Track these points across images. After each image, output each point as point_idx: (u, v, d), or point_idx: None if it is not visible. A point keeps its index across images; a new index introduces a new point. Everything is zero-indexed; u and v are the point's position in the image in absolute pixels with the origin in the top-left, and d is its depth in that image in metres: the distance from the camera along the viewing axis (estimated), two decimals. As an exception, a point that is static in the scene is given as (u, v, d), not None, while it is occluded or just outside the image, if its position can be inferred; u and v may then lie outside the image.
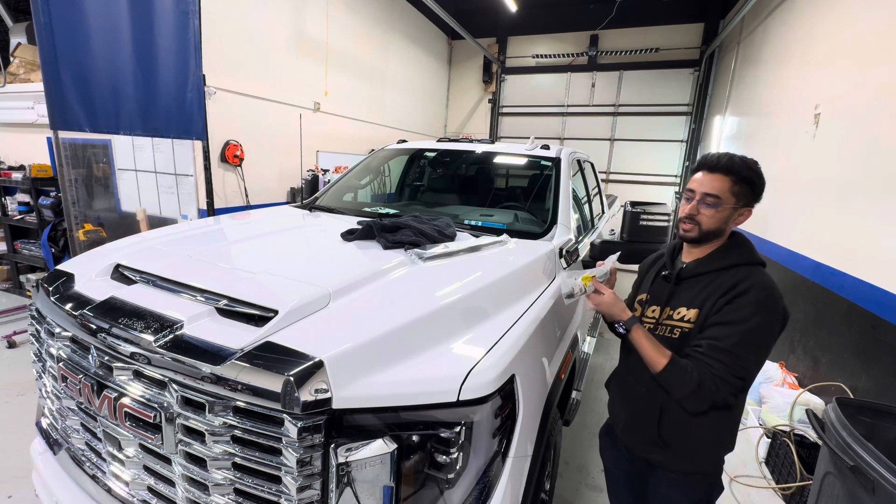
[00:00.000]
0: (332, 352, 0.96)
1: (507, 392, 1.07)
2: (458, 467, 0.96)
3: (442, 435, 0.95)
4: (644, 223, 2.17)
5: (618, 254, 1.47)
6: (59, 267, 1.50)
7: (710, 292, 1.19)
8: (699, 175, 1.24)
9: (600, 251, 2.14)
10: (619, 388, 1.49)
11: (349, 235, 1.75)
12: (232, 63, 4.12)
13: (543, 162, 2.65)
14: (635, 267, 1.64)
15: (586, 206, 2.89)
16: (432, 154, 3.24)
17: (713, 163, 1.21)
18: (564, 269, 1.86)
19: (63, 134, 2.75)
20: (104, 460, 1.20)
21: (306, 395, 0.89)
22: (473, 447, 0.99)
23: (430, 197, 3.06)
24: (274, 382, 0.90)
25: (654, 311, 1.33)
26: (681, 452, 1.28)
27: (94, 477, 1.24)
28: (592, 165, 3.60)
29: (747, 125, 5.10)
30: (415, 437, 0.94)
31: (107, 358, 1.10)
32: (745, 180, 1.19)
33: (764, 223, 4.02)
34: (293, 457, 0.90)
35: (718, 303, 1.16)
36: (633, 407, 1.39)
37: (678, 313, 1.25)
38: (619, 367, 1.50)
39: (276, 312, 1.07)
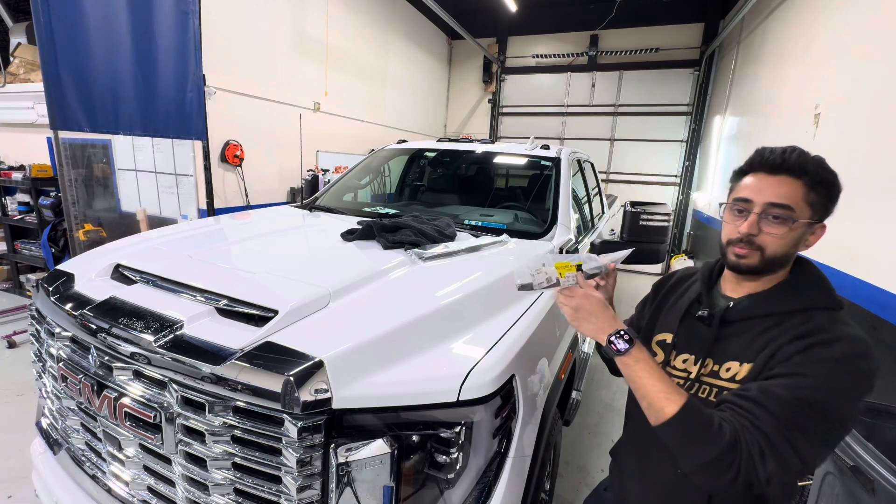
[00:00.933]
0: (332, 352, 0.96)
1: (506, 392, 1.07)
2: (458, 467, 0.96)
3: (442, 435, 0.95)
4: (644, 223, 2.18)
5: (627, 252, 1.10)
6: (59, 267, 1.50)
7: (772, 338, 0.84)
8: (755, 178, 0.88)
9: (600, 251, 2.14)
10: (637, 462, 1.06)
11: (349, 235, 1.75)
12: (232, 63, 4.12)
13: (543, 162, 2.65)
14: (634, 267, 1.54)
15: (586, 206, 2.89)
16: (432, 154, 3.24)
17: (777, 160, 0.86)
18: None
19: (63, 134, 2.75)
20: (104, 460, 1.20)
21: (306, 395, 0.89)
22: (473, 447, 0.99)
23: (430, 197, 3.06)
24: (274, 382, 0.90)
25: (686, 361, 0.96)
26: None
27: (94, 477, 1.24)
28: (592, 165, 3.60)
29: (747, 125, 5.10)
30: (415, 437, 0.94)
31: (107, 358, 1.10)
32: (823, 184, 0.85)
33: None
34: (293, 457, 0.90)
35: (785, 350, 0.81)
36: (660, 492, 0.99)
37: (727, 370, 0.88)
38: (634, 430, 1.09)
39: (276, 312, 1.07)
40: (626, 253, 1.09)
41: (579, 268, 0.98)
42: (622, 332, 0.88)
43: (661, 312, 1.08)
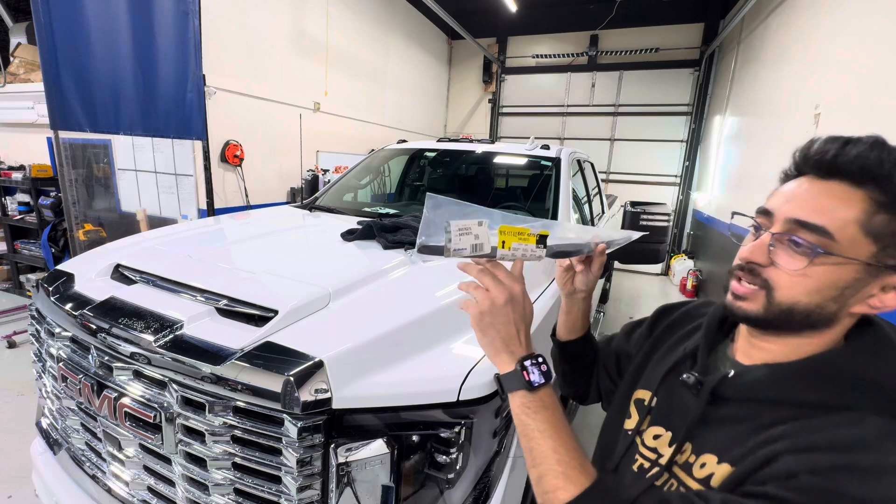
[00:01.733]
0: (332, 352, 0.96)
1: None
2: (457, 467, 0.96)
3: (442, 435, 0.95)
4: (644, 223, 2.17)
5: (628, 235, 0.80)
6: (59, 267, 1.50)
7: (780, 436, 0.53)
8: (796, 183, 0.59)
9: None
10: None
11: (349, 235, 1.75)
12: (232, 63, 4.12)
13: (543, 162, 2.65)
14: (634, 267, 1.39)
15: (586, 206, 2.89)
16: (432, 154, 3.24)
17: (827, 157, 0.55)
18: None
19: (63, 134, 2.75)
20: (104, 460, 1.20)
21: (306, 395, 0.89)
22: (473, 447, 0.99)
23: (430, 197, 3.06)
24: (274, 382, 0.90)
25: (659, 437, 0.68)
26: None
27: (94, 477, 1.24)
28: (592, 165, 3.61)
29: (747, 125, 5.10)
30: (415, 438, 0.94)
31: (107, 358, 1.10)
32: None
33: (764, 223, 4.02)
34: (293, 457, 0.90)
35: (790, 461, 0.50)
36: None
37: (701, 465, 0.59)
38: None
39: (276, 312, 1.07)
40: (626, 235, 0.79)
41: (542, 240, 0.65)
42: (541, 360, 0.64)
43: (652, 357, 0.77)
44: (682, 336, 0.76)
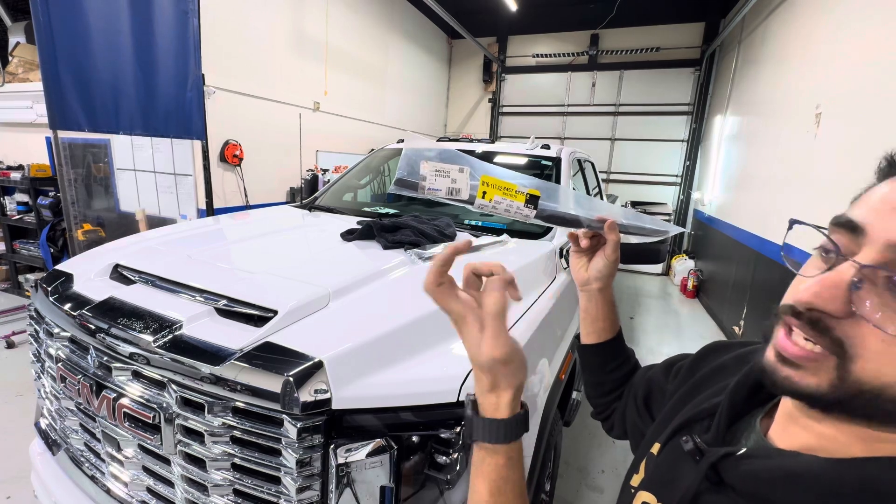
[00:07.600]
0: (331, 352, 0.95)
1: (507, 392, 1.07)
2: (457, 468, 0.96)
3: (442, 435, 0.94)
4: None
5: (645, 221, 0.68)
6: (58, 267, 1.49)
7: None
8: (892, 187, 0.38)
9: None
10: None
11: (349, 235, 1.74)
12: (232, 63, 4.11)
13: (544, 162, 2.64)
14: (634, 267, 1.30)
15: (586, 206, 2.88)
16: (432, 154, 3.23)
17: None
18: (565, 268, 1.85)
19: (62, 133, 2.74)
20: (103, 461, 1.19)
21: (306, 395, 0.88)
22: (473, 448, 0.99)
23: (429, 197, 3.05)
24: (273, 383, 0.89)
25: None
26: None
27: (92, 477, 1.24)
28: (593, 165, 3.60)
29: (748, 125, 5.09)
30: (414, 438, 0.94)
31: (106, 358, 1.10)
32: None
33: (764, 223, 4.01)
34: (293, 457, 0.89)
35: None
36: None
37: None
38: None
39: (275, 312, 1.07)
40: (644, 221, 0.64)
41: (532, 200, 0.56)
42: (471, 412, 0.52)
43: (688, 404, 0.59)
44: (725, 387, 0.54)
